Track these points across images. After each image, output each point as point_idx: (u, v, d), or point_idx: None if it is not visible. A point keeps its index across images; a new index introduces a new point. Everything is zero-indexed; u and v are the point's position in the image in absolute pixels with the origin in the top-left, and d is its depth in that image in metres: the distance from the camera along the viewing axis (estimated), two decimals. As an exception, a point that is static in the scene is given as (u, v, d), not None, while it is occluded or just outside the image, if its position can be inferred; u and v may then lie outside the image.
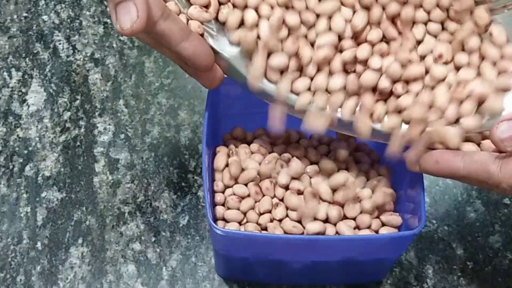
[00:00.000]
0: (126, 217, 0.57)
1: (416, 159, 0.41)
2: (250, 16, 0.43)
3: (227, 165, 0.50)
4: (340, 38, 0.43)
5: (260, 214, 0.48)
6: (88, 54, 0.68)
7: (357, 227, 0.47)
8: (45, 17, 0.70)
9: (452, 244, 0.56)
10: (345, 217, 0.47)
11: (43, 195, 0.58)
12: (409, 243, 0.50)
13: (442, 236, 0.56)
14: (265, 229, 0.48)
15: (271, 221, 0.48)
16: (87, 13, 0.70)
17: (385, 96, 0.42)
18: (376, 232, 0.48)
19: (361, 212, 0.47)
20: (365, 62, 0.42)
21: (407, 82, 0.42)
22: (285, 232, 0.47)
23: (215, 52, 0.44)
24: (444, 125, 0.40)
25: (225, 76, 0.46)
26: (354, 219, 0.47)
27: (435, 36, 0.43)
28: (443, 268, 0.55)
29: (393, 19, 0.42)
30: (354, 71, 0.43)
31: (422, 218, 0.44)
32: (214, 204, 0.49)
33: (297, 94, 0.43)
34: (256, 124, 0.53)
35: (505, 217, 0.58)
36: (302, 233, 0.47)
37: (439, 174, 0.40)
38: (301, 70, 0.43)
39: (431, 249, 0.56)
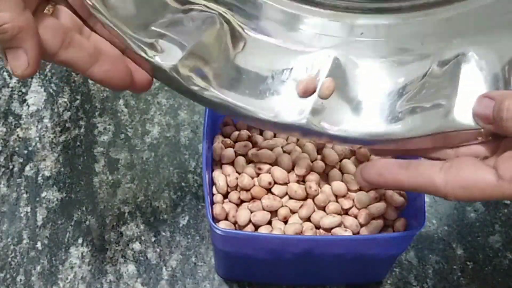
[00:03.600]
0: (126, 217, 0.57)
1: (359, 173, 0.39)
2: None
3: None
4: None
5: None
6: (88, 54, 0.68)
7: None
8: (45, 17, 0.70)
9: (452, 244, 0.56)
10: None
11: (43, 195, 0.58)
12: (409, 243, 0.50)
13: (442, 236, 0.56)
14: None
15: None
16: (87, 13, 0.70)
17: None
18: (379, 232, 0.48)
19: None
20: None
21: None
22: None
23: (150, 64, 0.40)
24: None
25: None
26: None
27: None
28: (443, 268, 0.55)
29: None
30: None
31: (422, 218, 0.44)
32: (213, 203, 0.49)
33: None
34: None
35: (505, 217, 0.58)
36: (301, 233, 0.47)
37: (382, 187, 0.38)
38: None
39: (431, 249, 0.56)
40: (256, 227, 0.48)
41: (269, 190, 0.48)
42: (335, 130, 0.41)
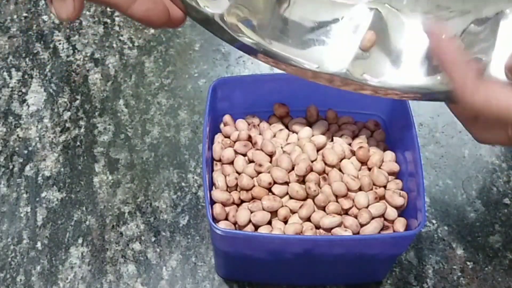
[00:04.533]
0: (126, 217, 0.57)
1: None
2: None
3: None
4: None
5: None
6: (88, 54, 0.68)
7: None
8: (45, 17, 0.70)
9: (452, 244, 0.56)
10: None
11: (43, 195, 0.58)
12: (409, 243, 0.50)
13: (442, 236, 0.56)
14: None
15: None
16: (87, 13, 0.70)
17: None
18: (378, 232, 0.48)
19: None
20: None
21: None
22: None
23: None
24: None
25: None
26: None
27: None
28: (443, 268, 0.55)
29: None
30: None
31: (422, 218, 0.44)
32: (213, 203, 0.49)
33: None
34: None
35: (505, 217, 0.58)
36: (301, 233, 0.47)
37: (435, 54, 0.40)
38: None
39: (431, 249, 0.56)
40: (256, 227, 0.48)
41: (269, 190, 0.48)
42: (375, 81, 0.43)
